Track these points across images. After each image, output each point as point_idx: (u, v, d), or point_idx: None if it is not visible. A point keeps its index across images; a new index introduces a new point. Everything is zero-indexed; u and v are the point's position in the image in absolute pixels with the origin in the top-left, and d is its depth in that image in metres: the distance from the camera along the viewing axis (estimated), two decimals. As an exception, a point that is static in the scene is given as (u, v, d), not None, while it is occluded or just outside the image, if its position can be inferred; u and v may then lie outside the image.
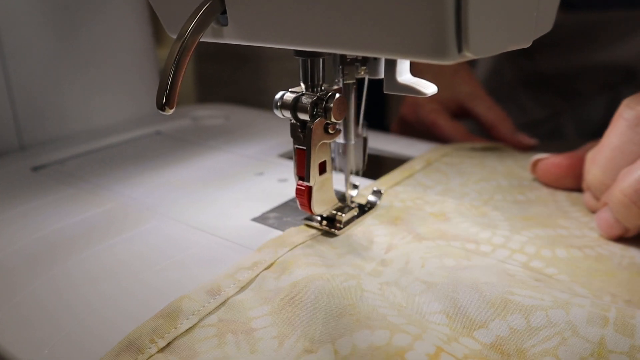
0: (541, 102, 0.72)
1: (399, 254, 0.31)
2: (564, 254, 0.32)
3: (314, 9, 0.23)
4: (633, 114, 0.33)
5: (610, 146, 0.34)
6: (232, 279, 0.29)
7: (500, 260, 0.31)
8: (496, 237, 0.33)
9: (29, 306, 0.29)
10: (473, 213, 0.37)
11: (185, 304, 0.27)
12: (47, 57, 0.51)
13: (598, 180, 0.35)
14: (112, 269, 0.31)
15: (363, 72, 0.31)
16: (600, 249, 0.33)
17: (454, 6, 0.20)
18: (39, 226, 0.36)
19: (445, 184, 0.42)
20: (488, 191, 0.41)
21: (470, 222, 0.35)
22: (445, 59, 0.20)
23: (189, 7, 0.26)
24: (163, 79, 0.24)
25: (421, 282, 0.29)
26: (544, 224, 0.35)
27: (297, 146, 0.32)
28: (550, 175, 0.41)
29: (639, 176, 0.31)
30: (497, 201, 0.39)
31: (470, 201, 0.39)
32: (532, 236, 0.34)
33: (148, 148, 0.51)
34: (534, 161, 0.42)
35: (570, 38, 0.65)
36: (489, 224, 0.35)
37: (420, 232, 0.34)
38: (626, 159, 0.33)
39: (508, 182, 0.42)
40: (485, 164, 0.46)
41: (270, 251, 0.31)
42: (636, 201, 0.31)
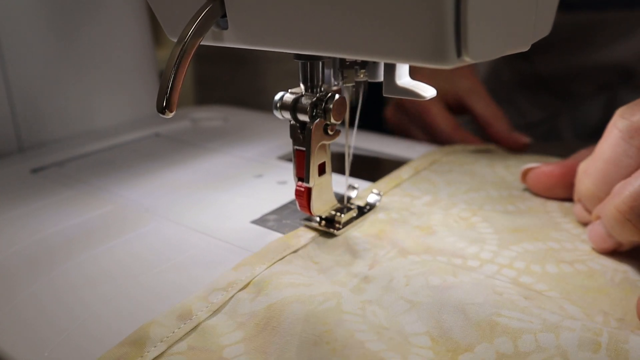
0: (538, 103, 0.72)
1: (382, 271, 0.30)
2: (555, 270, 0.31)
3: (314, 13, 0.23)
4: (627, 124, 0.31)
5: (603, 158, 0.32)
6: (205, 301, 0.27)
7: (488, 276, 0.30)
8: (484, 253, 0.32)
9: (28, 308, 0.29)
10: (460, 226, 0.35)
11: (153, 330, 0.25)
12: (47, 58, 0.51)
13: (590, 192, 0.34)
14: (111, 271, 0.31)
15: (362, 75, 0.31)
16: (592, 264, 0.31)
17: (453, 11, 0.20)
18: (38, 228, 0.36)
19: (434, 194, 0.40)
20: (477, 202, 0.39)
21: (457, 237, 0.34)
22: (444, 63, 0.21)
23: (189, 11, 0.26)
24: (163, 83, 0.24)
25: (405, 301, 0.27)
26: (534, 236, 0.34)
27: (297, 147, 0.32)
28: (541, 185, 0.39)
29: (634, 192, 0.29)
30: (486, 212, 0.37)
31: (458, 212, 0.37)
32: (521, 251, 0.32)
33: (147, 150, 0.51)
34: (524, 170, 0.40)
35: (567, 39, 0.65)
36: (477, 238, 0.34)
37: (406, 246, 0.33)
38: (620, 172, 0.32)
39: (498, 193, 0.41)
40: (475, 172, 0.44)
41: (247, 269, 0.30)
42: (631, 218, 0.29)
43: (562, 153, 0.49)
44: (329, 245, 0.33)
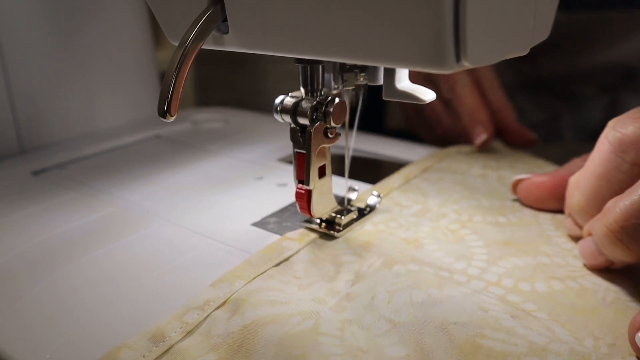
0: (540, 104, 0.72)
1: (366, 287, 0.29)
2: (544, 288, 0.29)
3: (314, 18, 0.23)
4: (618, 137, 0.30)
5: (594, 172, 0.31)
6: (180, 321, 0.26)
7: (475, 291, 0.29)
8: (471, 269, 0.31)
9: (29, 311, 0.29)
10: (449, 238, 0.34)
11: (123, 354, 0.24)
12: (48, 60, 0.52)
13: (581, 207, 0.32)
14: (112, 273, 0.31)
15: (362, 79, 0.31)
16: (583, 281, 0.30)
17: (452, 16, 0.20)
18: (40, 230, 0.36)
19: (423, 203, 0.39)
20: (467, 211, 0.38)
21: (444, 251, 0.33)
22: (444, 68, 0.21)
23: (190, 15, 0.26)
24: (164, 87, 0.24)
25: (386, 320, 0.26)
26: (524, 250, 0.33)
27: (297, 150, 0.32)
28: (532, 197, 0.38)
29: (626, 211, 0.28)
30: (476, 223, 0.36)
31: (447, 224, 0.36)
32: (510, 267, 0.31)
33: (148, 152, 0.51)
34: (515, 182, 0.39)
35: (569, 39, 0.65)
36: (465, 253, 0.32)
37: (391, 256, 0.32)
38: (612, 187, 0.30)
39: (490, 202, 0.39)
40: (467, 182, 0.43)
41: (226, 286, 0.29)
42: (622, 239, 0.28)
43: (564, 154, 0.49)
44: (314, 256, 0.32)
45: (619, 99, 0.68)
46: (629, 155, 0.29)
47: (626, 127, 0.30)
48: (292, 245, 0.32)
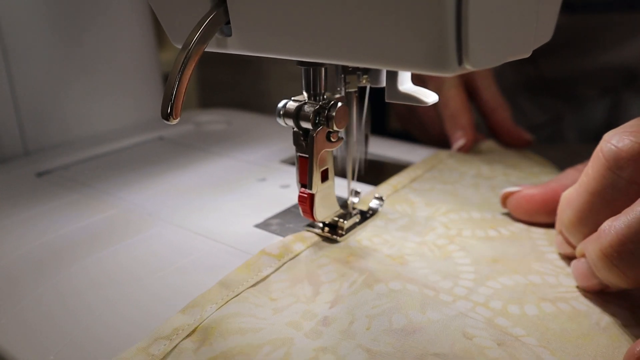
0: (542, 105, 0.72)
1: (345, 309, 0.27)
2: (534, 311, 0.27)
3: (317, 21, 0.23)
4: (614, 152, 0.27)
5: (588, 189, 0.29)
6: (145, 354, 0.25)
7: (460, 312, 0.27)
8: (458, 288, 0.29)
9: (33, 312, 0.29)
10: (435, 255, 0.32)
11: None
12: (51, 63, 0.52)
13: (573, 226, 0.30)
14: (115, 274, 0.31)
15: (365, 81, 0.31)
16: (576, 303, 0.28)
17: (454, 19, 0.20)
18: (43, 232, 0.36)
19: (410, 216, 0.37)
20: (457, 225, 0.36)
21: (430, 269, 0.31)
22: (446, 71, 0.21)
23: (193, 18, 0.26)
24: (168, 89, 0.24)
25: (363, 350, 0.25)
26: (514, 268, 0.31)
27: (300, 154, 0.32)
28: (522, 211, 0.36)
29: (622, 234, 0.25)
30: (464, 239, 0.34)
31: (434, 239, 0.34)
32: (499, 287, 0.29)
33: (151, 153, 0.52)
34: (504, 195, 0.37)
35: (572, 41, 0.65)
36: (452, 272, 0.31)
37: (374, 273, 0.30)
38: (607, 206, 0.28)
39: (480, 214, 0.37)
40: (458, 192, 0.41)
41: (197, 311, 0.27)
42: (618, 264, 0.26)
43: (565, 155, 0.49)
44: (293, 274, 0.30)
45: (621, 100, 0.68)
46: (626, 171, 0.27)
47: (622, 140, 0.27)
48: (271, 262, 0.31)
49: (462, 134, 0.51)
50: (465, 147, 0.50)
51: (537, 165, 0.47)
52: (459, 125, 0.51)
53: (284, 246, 0.32)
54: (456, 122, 0.51)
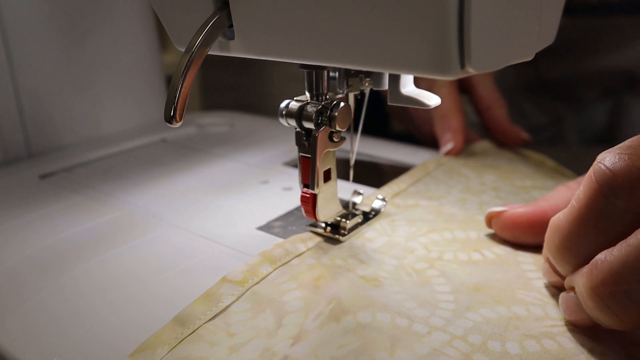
0: (543, 107, 0.72)
1: (307, 350, 0.25)
2: (516, 349, 0.25)
3: (319, 25, 0.23)
4: (607, 176, 0.24)
5: (578, 216, 0.25)
6: None
7: (435, 349, 0.25)
8: (435, 319, 0.26)
9: (37, 314, 0.29)
10: (413, 280, 0.30)
11: None
12: (55, 65, 0.52)
13: (562, 256, 0.27)
14: (119, 277, 0.32)
15: (367, 84, 0.31)
16: (562, 339, 0.25)
17: (456, 23, 0.20)
18: (47, 234, 0.37)
19: (390, 235, 0.35)
20: (439, 246, 0.33)
21: (406, 294, 0.28)
22: (448, 74, 0.21)
23: (196, 21, 0.26)
24: (171, 92, 0.25)
25: None
26: (498, 297, 0.28)
27: (302, 154, 0.32)
28: (508, 233, 0.34)
29: (617, 272, 0.23)
30: (446, 262, 0.32)
31: (413, 262, 0.32)
32: (480, 320, 0.26)
33: (154, 156, 0.52)
34: (488, 215, 0.34)
35: (573, 44, 0.65)
36: (430, 299, 0.28)
37: (343, 302, 0.28)
38: (599, 236, 0.25)
39: (465, 235, 0.35)
40: (443, 209, 0.38)
41: (147, 355, 0.25)
42: (611, 305, 0.23)
43: (567, 157, 0.49)
44: (257, 301, 0.28)
45: (622, 103, 0.68)
46: (621, 198, 0.24)
47: (617, 163, 0.24)
48: (233, 289, 0.29)
49: (451, 136, 0.49)
50: (454, 151, 0.48)
51: (529, 177, 0.44)
52: (449, 127, 0.49)
53: (249, 270, 0.30)
54: (446, 123, 0.50)
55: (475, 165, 0.47)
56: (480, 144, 0.51)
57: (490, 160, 0.48)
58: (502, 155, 0.50)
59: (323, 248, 0.33)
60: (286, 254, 0.32)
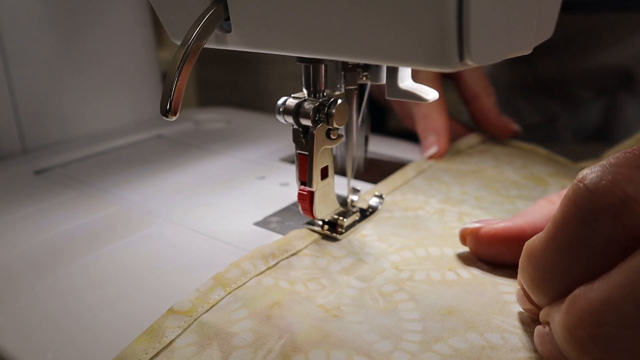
0: (537, 106, 0.72)
1: None
2: None
3: (317, 17, 0.23)
4: (588, 199, 0.21)
5: (555, 242, 0.22)
6: None
7: None
8: (398, 353, 0.24)
9: (31, 310, 0.29)
10: (378, 307, 0.27)
11: None
12: (50, 61, 0.52)
13: (536, 285, 0.24)
14: (114, 273, 0.31)
15: (365, 78, 0.31)
16: None
17: (456, 15, 0.20)
18: (41, 230, 0.36)
19: (358, 255, 0.32)
20: (410, 265, 0.31)
21: (369, 324, 0.26)
22: (447, 67, 0.21)
23: (193, 14, 0.26)
24: (167, 86, 0.24)
25: None
26: (471, 323, 0.26)
27: (300, 151, 0.32)
28: (484, 251, 0.31)
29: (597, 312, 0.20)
30: (417, 283, 0.29)
31: (381, 285, 0.29)
32: (448, 353, 0.24)
33: (149, 152, 0.51)
34: (462, 232, 0.32)
35: (567, 41, 0.65)
36: (394, 329, 0.25)
37: (296, 337, 0.25)
38: (577, 266, 0.22)
39: (440, 251, 0.32)
40: (419, 222, 0.36)
41: None
42: (590, 351, 0.20)
43: (564, 155, 0.49)
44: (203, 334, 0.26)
45: (616, 101, 0.68)
46: (603, 225, 0.20)
47: (599, 183, 0.21)
48: (179, 322, 0.26)
49: (434, 139, 0.46)
50: (438, 155, 0.46)
51: (514, 185, 0.42)
52: (432, 128, 0.47)
53: (199, 297, 0.28)
54: (429, 124, 0.47)
55: (458, 171, 0.44)
56: (466, 139, 0.49)
57: (475, 162, 0.46)
58: (490, 153, 0.48)
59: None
60: (242, 274, 0.29)
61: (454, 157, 0.47)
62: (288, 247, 0.32)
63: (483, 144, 0.50)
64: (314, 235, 0.34)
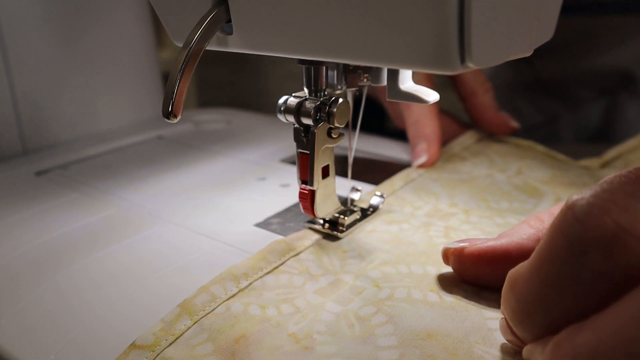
0: (538, 106, 0.72)
1: None
2: None
3: (318, 19, 0.23)
4: (577, 231, 0.19)
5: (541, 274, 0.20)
6: None
7: None
8: None
9: (34, 312, 0.29)
10: (354, 333, 0.25)
11: None
12: (50, 62, 0.52)
13: (519, 320, 0.22)
14: (115, 274, 0.31)
15: (366, 80, 0.31)
16: None
17: (457, 17, 0.20)
18: (42, 231, 0.36)
19: (336, 273, 0.30)
20: (391, 282, 0.29)
21: (341, 356, 0.24)
22: (448, 69, 0.21)
23: (194, 16, 0.26)
24: (169, 88, 0.24)
25: None
26: (452, 350, 0.24)
27: (301, 150, 0.32)
28: (467, 272, 0.29)
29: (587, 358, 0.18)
30: (396, 303, 0.27)
31: (358, 307, 0.27)
32: None
33: (150, 153, 0.52)
34: (444, 251, 0.30)
35: (568, 42, 0.65)
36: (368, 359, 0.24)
37: None
38: (565, 303, 0.19)
39: (423, 270, 0.30)
40: (403, 236, 0.34)
41: None
42: None
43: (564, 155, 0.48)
44: None
45: (617, 101, 0.68)
46: (593, 259, 0.18)
47: (590, 213, 0.19)
48: (141, 358, 0.25)
49: (425, 147, 0.44)
50: (428, 164, 0.44)
51: (506, 197, 0.39)
52: (423, 135, 0.44)
53: (163, 328, 0.26)
54: (420, 130, 0.45)
55: (448, 180, 0.42)
56: (461, 139, 0.48)
57: (468, 169, 0.44)
58: (485, 155, 0.46)
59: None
60: (211, 299, 0.27)
61: (446, 164, 0.45)
62: (262, 264, 0.30)
63: (479, 142, 0.49)
64: (292, 251, 0.32)
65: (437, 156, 0.44)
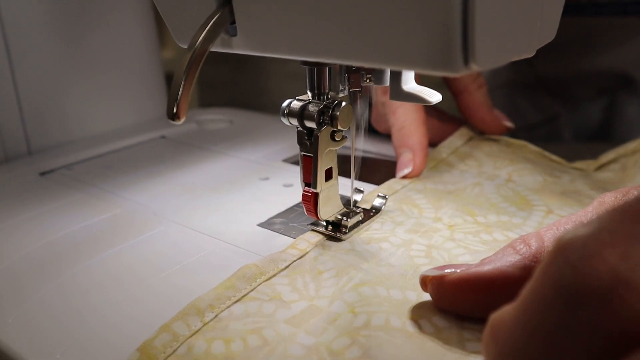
0: (538, 105, 0.73)
1: None
2: None
3: (322, 21, 0.23)
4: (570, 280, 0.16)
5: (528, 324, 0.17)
6: None
7: None
8: None
9: (38, 312, 0.29)
10: None
11: None
12: (54, 63, 0.52)
13: None
14: (119, 274, 0.32)
15: (369, 81, 0.31)
16: None
17: (460, 19, 0.20)
18: (47, 232, 0.37)
19: (310, 299, 0.27)
20: (368, 306, 0.26)
21: None
22: (452, 71, 0.21)
23: (199, 18, 0.26)
24: (174, 89, 0.25)
25: None
26: None
27: (304, 153, 0.32)
28: (446, 302, 0.26)
29: None
30: (372, 332, 0.25)
31: (331, 338, 0.25)
32: None
33: (153, 153, 0.52)
34: (422, 279, 0.27)
35: (568, 42, 0.65)
36: None
37: None
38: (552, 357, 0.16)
39: (403, 295, 0.28)
40: (382, 257, 0.31)
41: None
42: None
43: (562, 155, 0.48)
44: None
45: (616, 101, 0.68)
46: (587, 312, 0.16)
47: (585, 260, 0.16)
48: None
49: (409, 157, 0.41)
50: (412, 175, 0.42)
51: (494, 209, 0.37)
52: (408, 145, 0.42)
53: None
54: (405, 139, 0.42)
55: (434, 192, 0.40)
56: (449, 141, 0.46)
57: (454, 179, 0.42)
58: (473, 158, 0.44)
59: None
60: (173, 339, 0.25)
61: (432, 172, 0.43)
62: (230, 292, 0.28)
63: (469, 142, 0.46)
64: (263, 275, 0.29)
65: (422, 167, 0.42)
